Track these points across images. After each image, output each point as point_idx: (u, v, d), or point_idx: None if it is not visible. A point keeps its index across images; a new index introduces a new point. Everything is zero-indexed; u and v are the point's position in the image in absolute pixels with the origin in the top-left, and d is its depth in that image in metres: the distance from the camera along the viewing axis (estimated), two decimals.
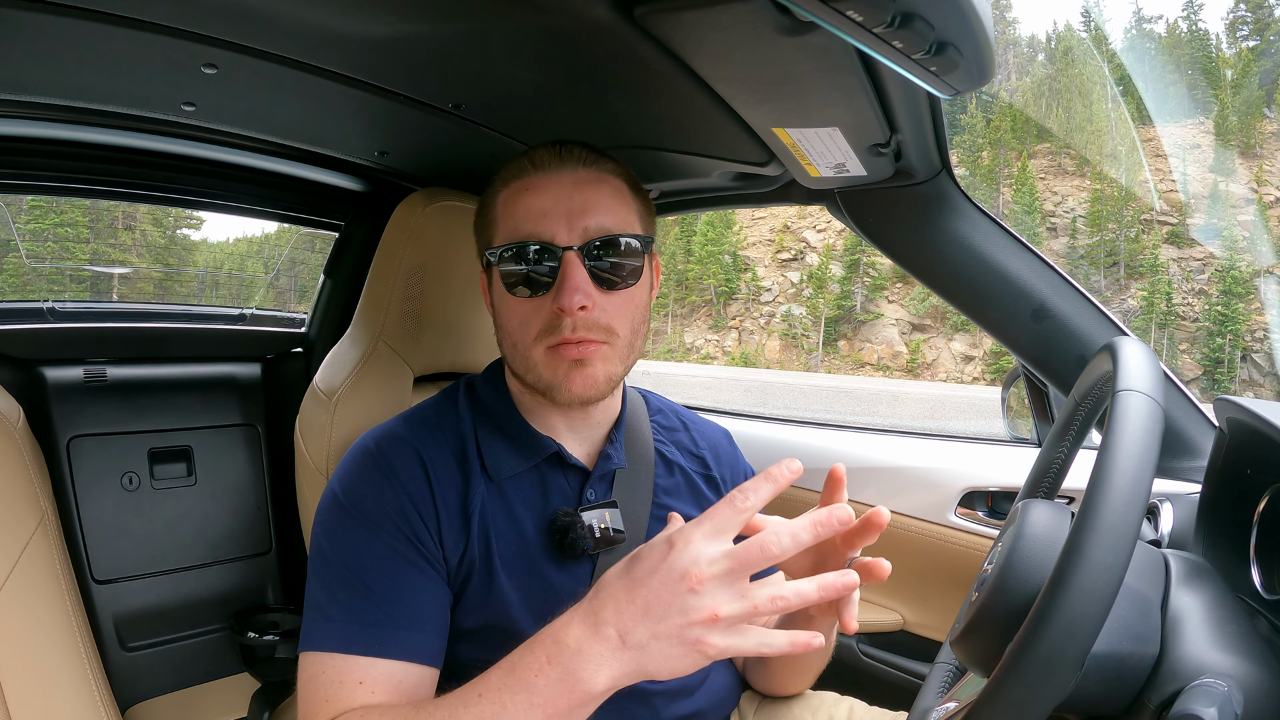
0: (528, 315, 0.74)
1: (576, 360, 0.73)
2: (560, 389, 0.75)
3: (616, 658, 0.55)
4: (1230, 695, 0.49)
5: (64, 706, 0.83)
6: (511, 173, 0.78)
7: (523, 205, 0.74)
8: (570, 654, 0.56)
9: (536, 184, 0.75)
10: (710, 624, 0.53)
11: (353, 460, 0.77)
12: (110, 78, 0.89)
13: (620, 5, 0.63)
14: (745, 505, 0.55)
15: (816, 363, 54.69)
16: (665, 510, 0.86)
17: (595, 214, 0.74)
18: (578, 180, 0.75)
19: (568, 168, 0.76)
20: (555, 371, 0.74)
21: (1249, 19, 71.57)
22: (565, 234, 0.73)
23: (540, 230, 0.73)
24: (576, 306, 0.71)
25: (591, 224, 0.73)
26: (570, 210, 0.73)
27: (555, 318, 0.72)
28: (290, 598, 1.65)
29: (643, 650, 0.55)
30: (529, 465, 0.80)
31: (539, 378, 0.76)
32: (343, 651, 0.67)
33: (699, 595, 0.53)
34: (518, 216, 0.74)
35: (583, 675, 0.55)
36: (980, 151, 61.22)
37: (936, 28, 0.54)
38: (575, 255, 0.72)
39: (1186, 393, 1.10)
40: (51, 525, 0.90)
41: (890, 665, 1.34)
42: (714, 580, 0.53)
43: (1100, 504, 0.46)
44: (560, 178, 0.75)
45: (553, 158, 0.76)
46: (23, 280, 28.30)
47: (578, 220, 0.73)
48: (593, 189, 0.75)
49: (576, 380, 0.74)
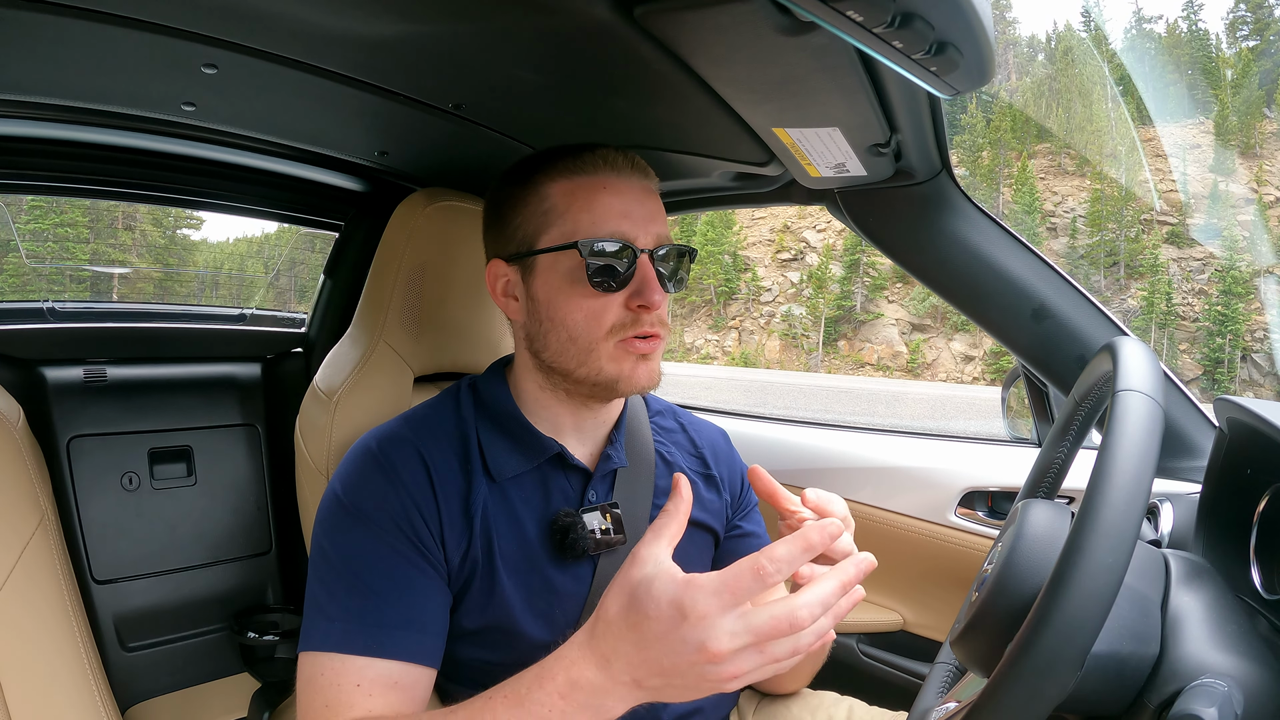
0: (599, 310, 0.76)
1: (643, 355, 0.77)
2: (626, 381, 0.77)
3: (633, 695, 0.56)
4: (1230, 695, 0.49)
5: (64, 706, 0.82)
6: (576, 166, 0.77)
7: (603, 203, 0.76)
8: (586, 693, 0.56)
9: (615, 185, 0.77)
10: (732, 679, 0.53)
11: (354, 460, 0.77)
12: (110, 78, 0.89)
13: (620, 5, 0.63)
14: (771, 575, 0.51)
15: (816, 363, 54.69)
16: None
17: (660, 223, 0.79)
18: (645, 189, 0.80)
19: (636, 174, 0.79)
20: (622, 365, 0.77)
21: (1249, 19, 71.56)
22: (644, 237, 0.77)
23: (624, 230, 0.76)
24: (659, 303, 0.76)
25: (660, 232, 0.78)
26: (645, 215, 0.77)
27: (630, 314, 0.76)
28: (290, 598, 1.65)
29: (659, 691, 0.55)
30: (531, 466, 0.80)
31: (601, 371, 0.77)
32: (341, 651, 0.67)
33: (719, 666, 0.52)
34: (596, 213, 0.76)
35: (600, 709, 0.56)
36: (980, 151, 61.21)
37: (936, 28, 0.54)
38: (649, 258, 0.76)
39: (1186, 393, 1.10)
40: (51, 525, 0.90)
41: (890, 665, 1.34)
42: (734, 654, 0.51)
43: (1100, 504, 0.46)
44: (633, 184, 0.78)
45: (625, 163, 0.78)
46: (23, 280, 28.28)
47: (651, 226, 0.77)
48: (653, 200, 0.80)
49: (642, 373, 0.77)
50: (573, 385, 0.79)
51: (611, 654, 0.55)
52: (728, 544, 0.93)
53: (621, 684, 0.55)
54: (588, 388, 0.78)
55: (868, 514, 1.37)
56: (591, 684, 0.56)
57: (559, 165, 0.78)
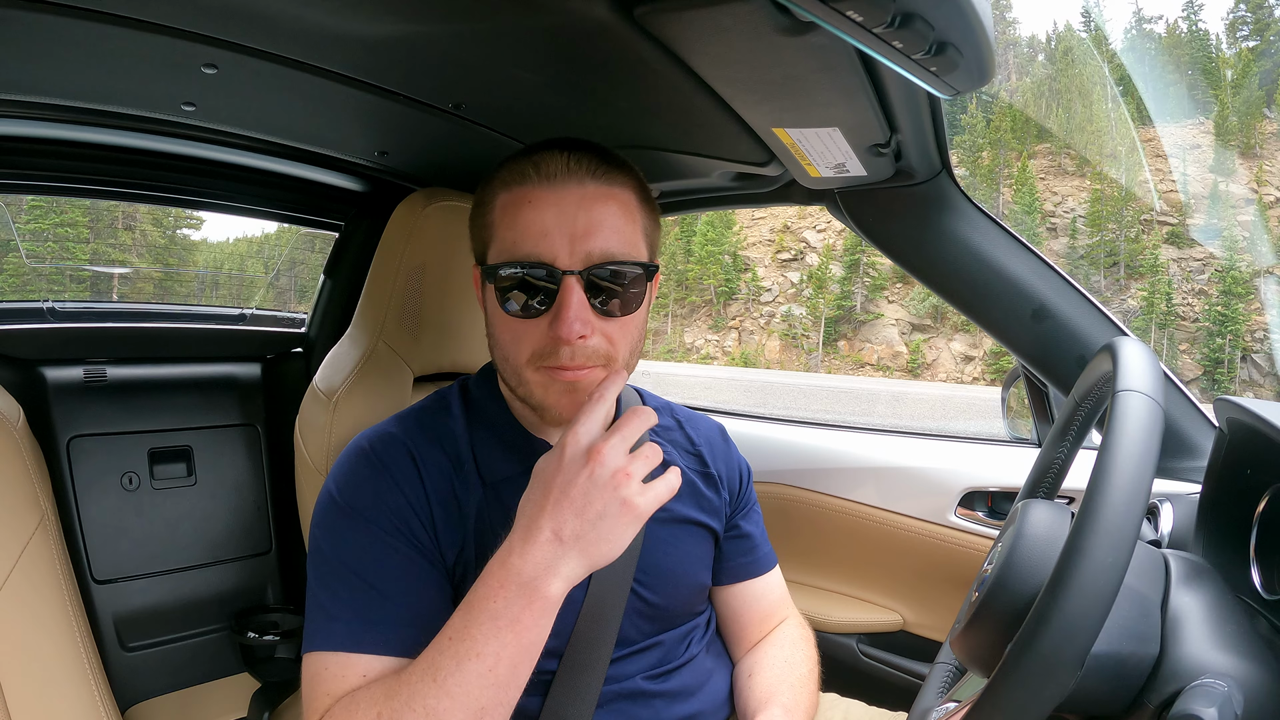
0: (520, 335, 0.71)
1: (571, 384, 0.70)
2: (552, 411, 0.73)
3: (560, 554, 0.60)
4: (1230, 695, 0.49)
5: (64, 706, 0.83)
6: (513, 175, 0.72)
7: (523, 220, 0.69)
8: (517, 570, 0.60)
9: (539, 197, 0.69)
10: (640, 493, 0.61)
11: (347, 460, 0.77)
12: (110, 78, 0.89)
13: (620, 5, 0.63)
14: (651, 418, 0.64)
15: (816, 363, 54.69)
16: (663, 513, 0.85)
17: (599, 236, 0.69)
18: (584, 196, 0.70)
19: (574, 179, 0.70)
20: (548, 393, 0.72)
21: (1249, 19, 71.56)
22: (566, 256, 0.68)
23: (540, 250, 0.68)
24: (576, 336, 0.68)
25: (595, 248, 0.69)
26: (574, 231, 0.68)
27: (551, 343, 0.69)
28: (290, 598, 1.65)
29: (581, 538, 0.60)
30: (523, 468, 0.79)
31: (530, 395, 0.74)
32: (347, 650, 0.67)
33: (629, 483, 0.61)
34: (517, 231, 0.70)
35: (537, 583, 0.60)
36: (980, 151, 61.21)
37: (936, 28, 0.54)
38: (575, 280, 0.68)
39: (1186, 393, 1.10)
40: (51, 525, 0.90)
41: (890, 665, 1.34)
42: (638, 470, 0.61)
43: (1100, 504, 0.46)
44: (566, 192, 0.69)
45: (560, 167, 0.70)
46: (23, 280, 28.30)
47: (581, 243, 0.68)
48: (599, 207, 0.70)
49: (568, 404, 0.71)
50: (520, 401, 0.77)
51: (532, 521, 0.61)
52: (726, 545, 0.92)
53: (545, 544, 0.60)
54: (528, 407, 0.76)
55: (868, 514, 1.37)
56: (520, 559, 0.60)
57: (501, 173, 0.74)
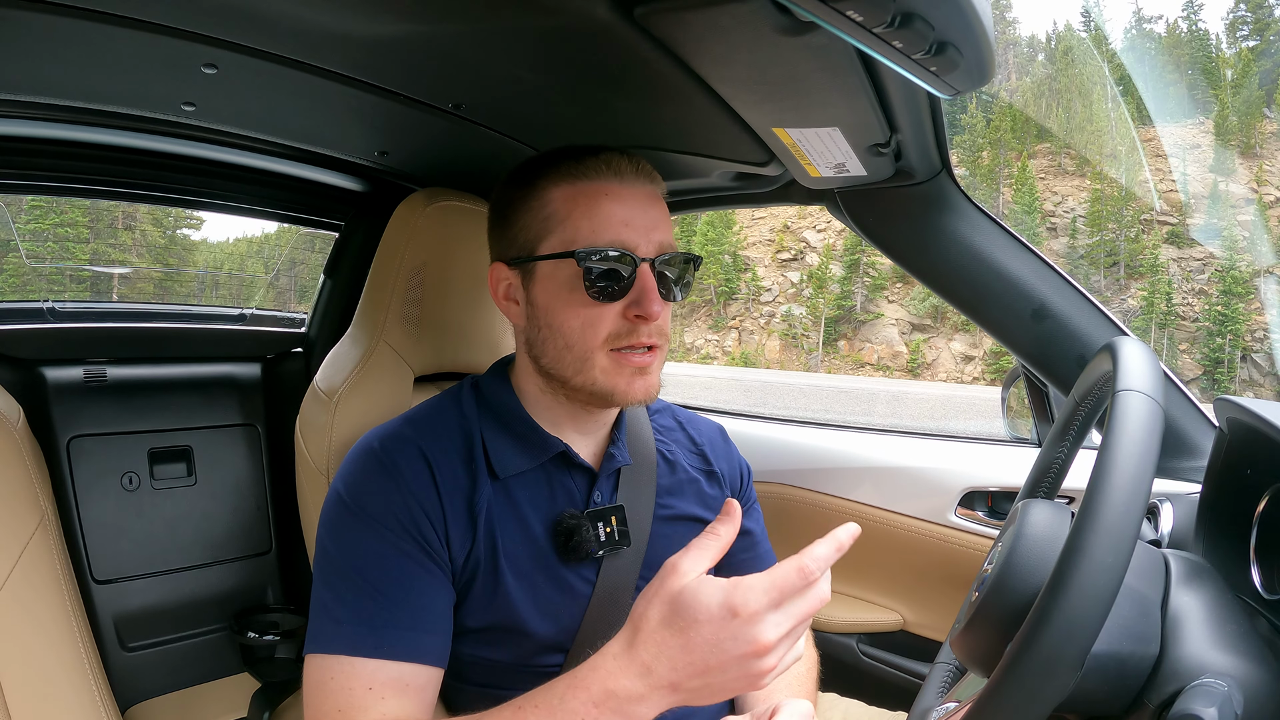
0: (594, 319, 0.75)
1: (640, 368, 0.77)
2: (622, 394, 0.77)
3: (667, 699, 0.57)
4: (1230, 695, 0.49)
5: (64, 706, 0.82)
6: (578, 171, 0.77)
7: (604, 211, 0.75)
8: (621, 700, 0.57)
9: (616, 191, 0.76)
10: (770, 671, 0.57)
11: (356, 460, 0.77)
12: (110, 78, 0.89)
13: (620, 5, 0.63)
14: (815, 574, 0.56)
15: (816, 363, 54.68)
16: (668, 510, 0.86)
17: (663, 230, 0.78)
18: (649, 195, 0.79)
19: (640, 180, 0.78)
20: (618, 378, 0.76)
21: (1249, 19, 71.54)
22: (645, 245, 0.76)
23: (624, 238, 0.75)
24: (657, 314, 0.75)
25: (663, 239, 0.77)
26: (648, 223, 0.76)
27: (626, 324, 0.75)
28: (290, 598, 1.65)
29: (696, 693, 0.57)
30: (535, 464, 0.80)
31: (595, 381, 0.76)
32: (351, 654, 0.67)
33: (764, 658, 0.56)
34: (597, 220, 0.75)
35: (632, 714, 0.57)
36: (980, 151, 61.19)
37: (936, 28, 0.54)
38: (649, 267, 0.75)
39: (1186, 393, 1.10)
40: (51, 525, 0.90)
41: (890, 665, 1.34)
42: (778, 643, 0.56)
43: (1100, 504, 0.46)
44: (637, 190, 0.78)
45: (629, 168, 0.77)
46: (23, 280, 28.27)
47: (653, 234, 0.76)
48: (658, 207, 0.79)
49: (638, 387, 0.77)
50: (571, 391, 0.79)
51: (654, 662, 0.57)
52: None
53: (659, 689, 0.57)
54: (585, 395, 0.78)
55: (868, 514, 1.37)
56: (628, 692, 0.57)
57: (561, 169, 0.77)
